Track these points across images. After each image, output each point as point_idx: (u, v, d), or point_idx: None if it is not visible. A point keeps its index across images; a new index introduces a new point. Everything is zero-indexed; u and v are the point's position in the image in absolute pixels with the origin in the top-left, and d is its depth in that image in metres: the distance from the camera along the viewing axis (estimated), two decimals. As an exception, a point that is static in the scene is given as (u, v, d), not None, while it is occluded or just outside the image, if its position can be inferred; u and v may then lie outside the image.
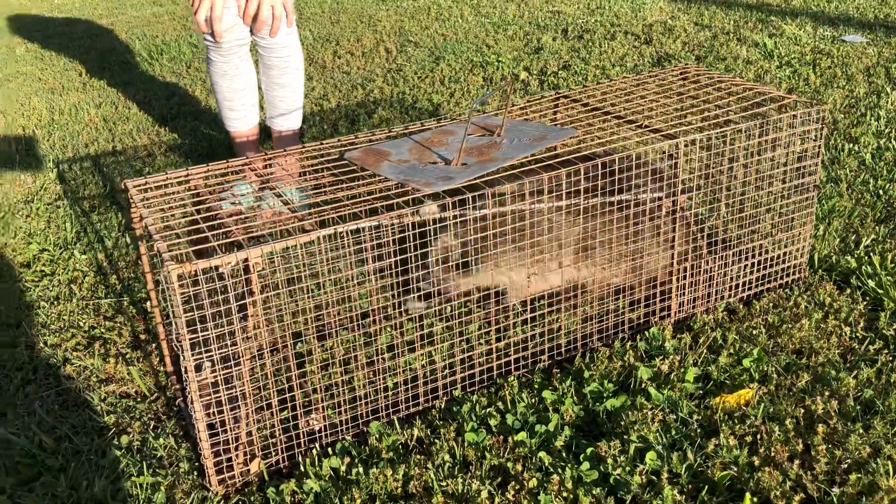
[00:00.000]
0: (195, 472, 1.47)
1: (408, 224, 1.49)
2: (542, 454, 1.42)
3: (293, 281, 1.63)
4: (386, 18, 4.93)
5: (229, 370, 1.38)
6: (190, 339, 1.30)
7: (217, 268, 1.31)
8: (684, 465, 1.38)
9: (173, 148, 3.01)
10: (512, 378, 1.61)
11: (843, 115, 2.87)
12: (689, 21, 4.31)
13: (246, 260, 1.33)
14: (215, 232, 1.37)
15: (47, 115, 3.54)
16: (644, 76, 2.06)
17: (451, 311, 1.74)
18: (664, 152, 1.69)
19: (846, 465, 1.36)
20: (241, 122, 2.54)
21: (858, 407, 1.49)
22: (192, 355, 1.31)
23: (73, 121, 3.44)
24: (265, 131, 2.93)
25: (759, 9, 4.44)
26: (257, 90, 2.54)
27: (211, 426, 1.40)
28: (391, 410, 1.57)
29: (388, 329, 1.76)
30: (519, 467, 1.39)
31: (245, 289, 1.38)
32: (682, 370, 1.61)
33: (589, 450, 1.42)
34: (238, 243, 1.37)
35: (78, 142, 3.16)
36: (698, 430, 1.47)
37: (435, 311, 1.75)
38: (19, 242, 2.36)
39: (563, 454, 1.43)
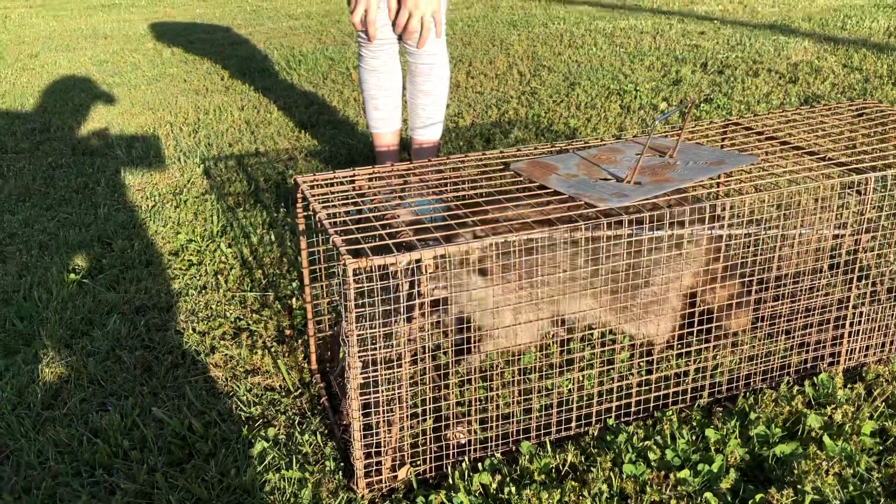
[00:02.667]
0: (340, 473, 1.44)
1: (581, 239, 1.43)
2: (707, 495, 1.33)
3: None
4: (518, 43, 4.93)
5: (389, 372, 1.36)
6: (357, 336, 1.28)
7: (389, 266, 1.29)
8: (868, 525, 1.26)
9: (313, 153, 3.06)
10: (671, 412, 1.52)
11: None
12: (836, 62, 4.13)
13: (418, 261, 1.31)
14: (388, 231, 1.35)
15: (193, 115, 3.67)
16: (819, 108, 1.95)
17: (602, 337, 1.68)
18: (849, 187, 1.58)
19: None
20: (384, 123, 2.55)
21: None
22: (357, 352, 1.29)
23: (217, 121, 3.56)
24: (405, 147, 2.95)
25: (914, 54, 4.21)
26: (401, 94, 2.56)
27: (363, 427, 1.38)
28: (542, 432, 1.51)
29: (532, 350, 1.70)
30: (683, 506, 1.31)
31: (413, 290, 1.35)
32: (857, 423, 1.49)
33: (758, 496, 1.33)
34: (409, 244, 1.35)
35: (222, 141, 3.26)
36: (879, 489, 1.35)
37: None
38: (168, 231, 2.43)
39: (729, 498, 1.34)
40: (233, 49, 5.19)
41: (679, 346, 1.70)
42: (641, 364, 1.68)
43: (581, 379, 1.62)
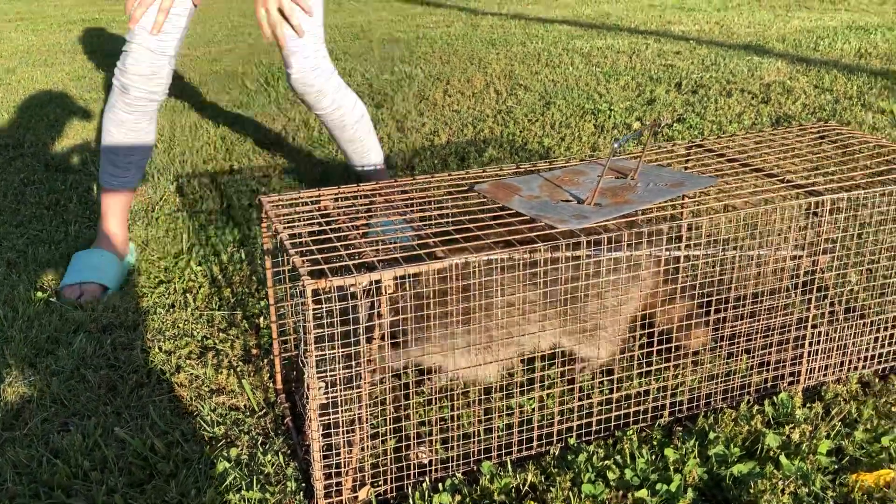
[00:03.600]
0: (301, 493, 1.44)
1: (540, 260, 1.45)
2: (664, 515, 1.34)
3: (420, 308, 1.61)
4: (496, 62, 4.97)
5: (348, 392, 1.36)
6: (316, 357, 1.29)
7: (348, 287, 1.30)
8: (821, 545, 1.28)
9: (288, 171, 3.07)
10: (631, 432, 1.54)
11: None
12: (808, 83, 4.19)
13: (378, 282, 1.32)
14: (349, 252, 1.36)
15: (168, 131, 3.67)
16: (781, 131, 1.99)
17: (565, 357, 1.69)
18: (807, 209, 1.61)
19: None
20: (118, 181, 2.22)
21: None
22: (317, 373, 1.30)
23: (192, 138, 3.56)
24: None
25: (883, 75, 4.28)
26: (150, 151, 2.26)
27: (323, 447, 1.38)
28: (503, 452, 1.52)
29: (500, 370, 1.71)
30: (639, 526, 1.32)
31: (373, 311, 1.36)
32: (814, 442, 1.51)
33: (714, 516, 1.34)
34: (369, 264, 1.36)
35: (197, 158, 3.27)
36: (834, 508, 1.36)
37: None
38: (139, 249, 2.42)
39: (686, 517, 1.35)
40: (212, 66, 5.20)
41: (641, 364, 1.71)
42: (604, 383, 1.69)
43: (544, 398, 1.63)
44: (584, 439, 1.55)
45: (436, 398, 1.48)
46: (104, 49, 5.98)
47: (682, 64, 4.72)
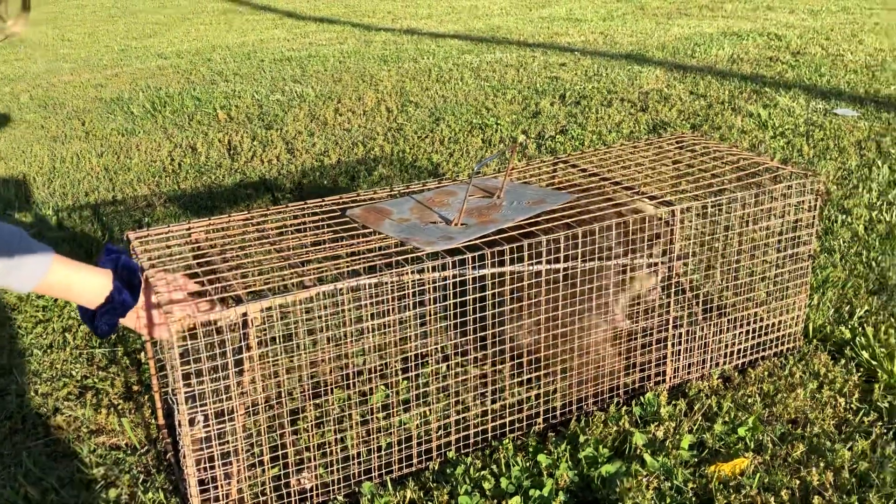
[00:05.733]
0: (183, 529, 1.44)
1: (407, 282, 1.49)
2: (535, 520, 1.40)
3: (289, 337, 1.63)
4: (387, 79, 5.03)
5: (222, 425, 1.37)
6: (185, 393, 1.29)
7: (216, 321, 1.32)
8: (679, 535, 1.36)
9: (173, 199, 3.04)
10: (507, 441, 1.60)
11: (835, 187, 2.92)
12: (684, 90, 4.40)
13: (245, 314, 1.33)
14: (216, 286, 1.37)
15: (48, 163, 3.57)
16: (642, 143, 2.10)
17: (447, 370, 1.74)
18: (660, 218, 1.71)
19: (842, 540, 1.35)
20: None
21: (854, 479, 1.49)
22: (187, 409, 1.30)
23: (75, 169, 3.47)
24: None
25: (753, 80, 4.54)
26: None
27: (202, 482, 1.38)
28: (384, 471, 1.55)
29: (382, 388, 1.75)
30: (512, 533, 1.37)
31: (242, 343, 1.37)
32: (678, 437, 1.61)
33: (583, 516, 1.41)
34: (237, 297, 1.37)
35: (78, 190, 3.19)
36: (693, 499, 1.45)
37: (431, 370, 1.75)
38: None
39: (557, 520, 1.41)
40: (96, 91, 5.07)
41: (518, 374, 1.78)
42: (482, 395, 1.74)
43: (427, 413, 1.67)
44: (462, 452, 1.61)
45: (312, 424, 1.50)
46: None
47: (567, 76, 4.88)
